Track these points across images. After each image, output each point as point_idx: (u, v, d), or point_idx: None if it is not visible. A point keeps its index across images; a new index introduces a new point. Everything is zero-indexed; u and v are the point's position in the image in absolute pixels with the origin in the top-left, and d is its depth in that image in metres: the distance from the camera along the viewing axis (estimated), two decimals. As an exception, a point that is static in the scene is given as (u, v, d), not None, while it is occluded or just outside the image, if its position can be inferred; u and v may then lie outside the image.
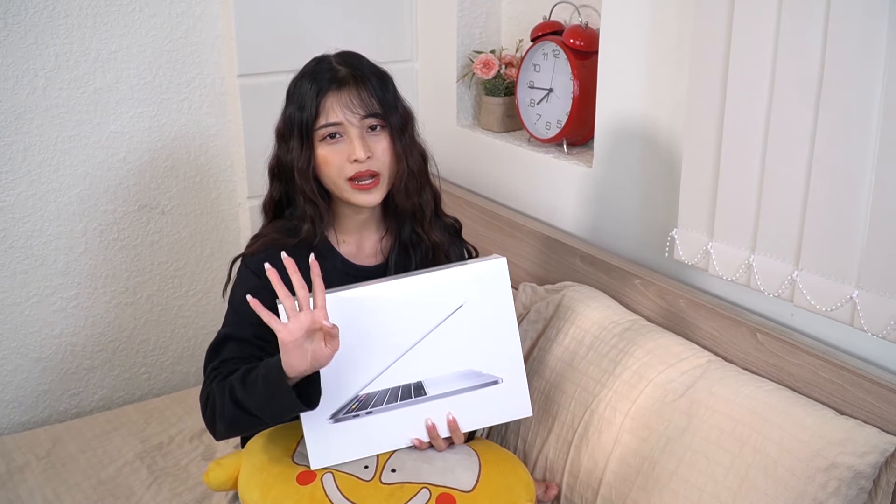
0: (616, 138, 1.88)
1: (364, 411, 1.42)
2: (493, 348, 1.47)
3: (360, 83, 1.46)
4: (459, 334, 1.45)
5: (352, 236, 1.57)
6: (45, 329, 2.14)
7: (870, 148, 1.33)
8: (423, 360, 1.44)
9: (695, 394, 1.52)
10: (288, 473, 1.43)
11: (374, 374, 1.42)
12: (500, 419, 1.53)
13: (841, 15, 1.32)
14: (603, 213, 1.95)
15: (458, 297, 1.44)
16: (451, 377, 1.46)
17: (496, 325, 1.47)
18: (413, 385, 1.44)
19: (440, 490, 1.40)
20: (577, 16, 2.02)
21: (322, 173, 1.48)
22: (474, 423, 1.50)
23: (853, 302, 1.40)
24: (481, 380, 1.47)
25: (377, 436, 1.44)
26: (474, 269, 1.45)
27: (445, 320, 1.43)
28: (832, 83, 1.35)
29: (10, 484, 1.83)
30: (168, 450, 1.96)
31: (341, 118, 1.45)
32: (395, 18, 2.37)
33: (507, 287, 1.46)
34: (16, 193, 2.02)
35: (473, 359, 1.47)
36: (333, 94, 1.45)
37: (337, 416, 1.42)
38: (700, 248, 1.63)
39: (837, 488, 1.33)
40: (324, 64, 1.50)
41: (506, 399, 1.49)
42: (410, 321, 1.43)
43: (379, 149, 1.47)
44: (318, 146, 1.47)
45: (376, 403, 1.43)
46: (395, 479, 1.41)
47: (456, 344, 1.45)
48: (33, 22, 1.95)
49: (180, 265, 2.28)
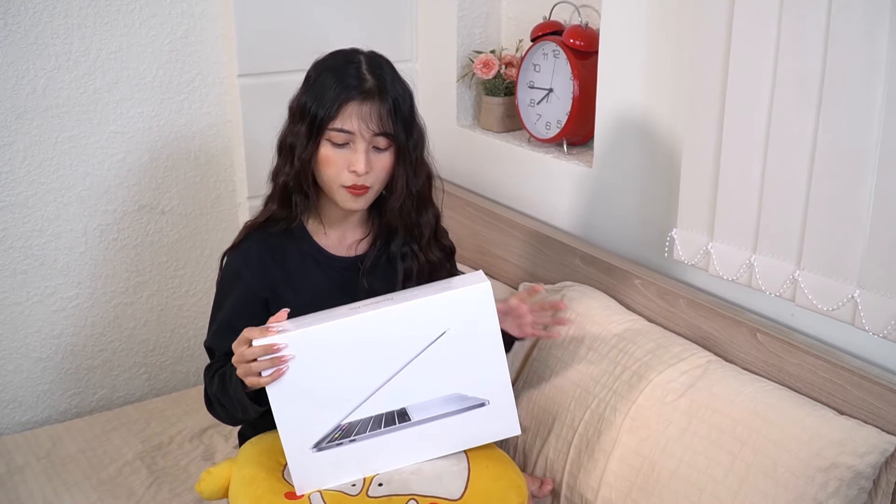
0: (616, 138, 1.88)
1: (347, 439, 1.41)
2: (478, 371, 1.44)
3: (383, 100, 1.46)
4: (443, 360, 1.41)
5: (335, 230, 1.58)
6: (45, 329, 2.13)
7: (871, 146, 1.33)
8: (406, 386, 1.41)
9: (695, 394, 1.52)
10: (276, 488, 1.43)
11: (356, 404, 1.40)
12: (488, 439, 1.50)
13: (842, 14, 1.32)
14: (603, 213, 1.95)
15: (441, 324, 1.39)
16: (435, 402, 1.43)
17: (481, 348, 1.43)
18: (397, 412, 1.42)
19: (428, 500, 1.39)
20: (577, 16, 2.02)
21: (319, 170, 1.49)
22: (461, 445, 1.48)
23: (854, 301, 1.40)
24: (467, 403, 1.45)
25: (362, 461, 1.43)
26: (457, 295, 1.40)
27: (428, 347, 1.40)
28: (833, 82, 1.35)
29: (10, 484, 1.83)
30: (168, 450, 1.96)
31: (355, 129, 1.45)
32: (395, 18, 2.37)
33: (492, 310, 1.41)
34: (16, 193, 2.02)
35: (459, 383, 1.43)
36: (356, 104, 1.45)
37: (320, 446, 1.40)
38: (700, 248, 1.63)
39: (837, 488, 1.33)
40: (352, 67, 1.48)
41: (493, 419, 1.47)
42: (392, 350, 1.39)
43: (378, 165, 1.48)
44: (324, 144, 1.47)
45: (359, 431, 1.41)
46: (383, 493, 1.41)
47: (440, 369, 1.41)
48: (33, 22, 1.95)
49: (180, 265, 2.28)
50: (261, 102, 2.18)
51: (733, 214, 1.56)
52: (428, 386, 1.42)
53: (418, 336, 1.40)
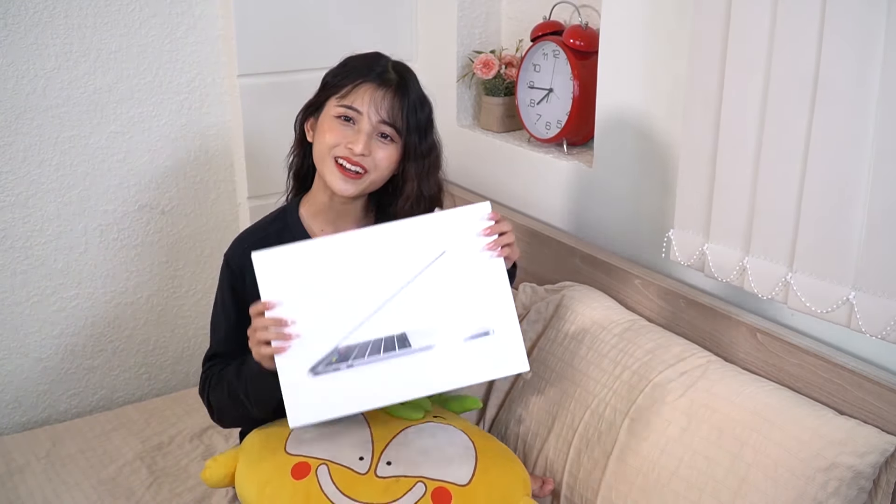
0: (616, 138, 1.88)
1: (345, 364, 1.36)
2: (481, 297, 1.40)
3: (399, 94, 1.49)
4: (443, 283, 1.37)
5: (331, 226, 1.59)
6: (45, 329, 2.14)
7: (866, 147, 1.33)
8: (406, 310, 1.37)
9: (695, 394, 1.52)
10: (283, 468, 1.42)
11: (355, 325, 1.36)
12: (494, 374, 1.45)
13: (837, 16, 1.32)
14: (603, 212, 1.95)
15: (439, 243, 1.37)
16: (436, 328, 1.38)
17: (482, 272, 1.39)
18: (396, 337, 1.37)
19: (436, 484, 1.39)
20: (577, 16, 2.02)
21: (317, 139, 1.51)
22: (466, 379, 1.43)
23: (850, 304, 1.39)
24: (470, 331, 1.40)
25: (360, 392, 1.37)
26: (456, 214, 1.39)
27: (427, 268, 1.37)
28: (828, 84, 1.35)
29: (10, 484, 1.83)
30: (168, 450, 1.96)
31: (363, 109, 1.47)
32: (395, 18, 2.37)
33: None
34: (16, 193, 2.02)
35: (460, 309, 1.39)
36: (371, 87, 1.48)
37: (316, 370, 1.36)
38: (696, 249, 1.63)
39: (837, 488, 1.33)
40: (382, 60, 1.54)
41: (498, 352, 1.41)
42: (390, 269, 1.37)
43: (380, 154, 1.49)
44: (326, 118, 1.50)
45: (357, 356, 1.37)
46: (391, 473, 1.41)
47: (440, 293, 1.38)
48: (33, 22, 1.95)
49: (180, 265, 2.28)
50: (261, 102, 2.18)
51: (728, 215, 1.56)
52: (428, 311, 1.38)
53: (416, 256, 1.37)
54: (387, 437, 1.48)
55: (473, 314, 1.40)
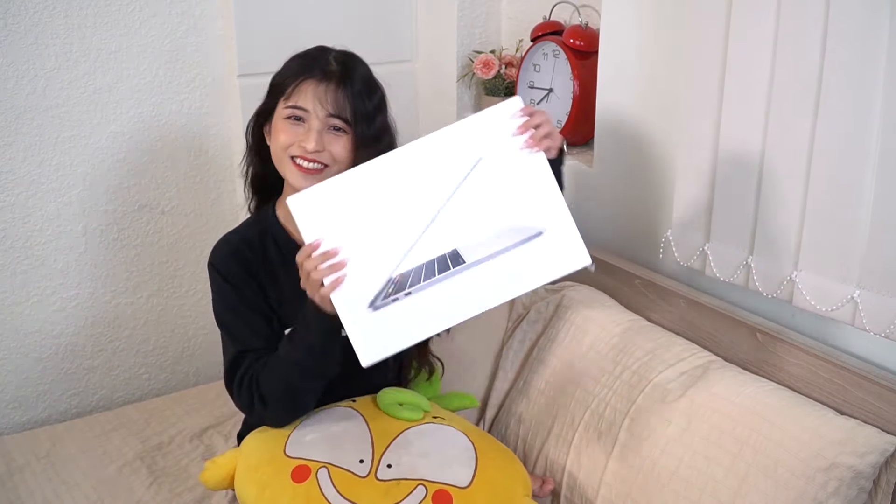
0: (616, 138, 1.88)
1: (402, 293, 1.32)
2: (528, 198, 1.34)
3: (342, 84, 1.48)
4: (486, 190, 1.32)
5: None
6: (45, 329, 2.13)
7: (871, 146, 1.33)
8: (452, 226, 1.32)
9: (695, 394, 1.52)
10: (282, 470, 1.42)
11: (404, 252, 1.32)
12: (556, 274, 1.37)
13: (841, 13, 1.32)
14: (603, 212, 1.95)
15: (474, 150, 1.32)
16: (488, 238, 1.33)
17: (524, 171, 1.34)
18: (448, 255, 1.33)
19: (436, 487, 1.39)
20: (577, 16, 2.02)
21: (272, 143, 1.52)
22: (528, 284, 1.37)
23: (854, 302, 1.39)
24: (522, 234, 1.34)
25: (424, 317, 1.33)
26: (485, 117, 1.33)
27: (466, 178, 1.32)
28: (831, 82, 1.35)
29: (10, 484, 1.82)
30: (168, 450, 1.96)
31: (309, 107, 1.48)
32: (395, 18, 2.37)
33: None
34: (16, 193, 2.02)
35: (509, 214, 1.33)
36: (314, 83, 1.48)
37: (375, 304, 1.32)
38: (696, 248, 1.63)
39: (837, 488, 1.33)
40: (324, 54, 1.53)
41: (556, 250, 1.35)
42: (428, 187, 1.32)
43: (336, 147, 1.48)
44: (277, 120, 1.50)
45: (413, 282, 1.32)
46: (391, 476, 1.41)
47: (485, 202, 1.33)
48: (33, 22, 1.95)
49: (180, 265, 2.28)
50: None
51: (730, 215, 1.56)
52: (476, 222, 1.33)
53: (452, 168, 1.33)
54: (387, 439, 1.48)
55: (523, 217, 1.35)
